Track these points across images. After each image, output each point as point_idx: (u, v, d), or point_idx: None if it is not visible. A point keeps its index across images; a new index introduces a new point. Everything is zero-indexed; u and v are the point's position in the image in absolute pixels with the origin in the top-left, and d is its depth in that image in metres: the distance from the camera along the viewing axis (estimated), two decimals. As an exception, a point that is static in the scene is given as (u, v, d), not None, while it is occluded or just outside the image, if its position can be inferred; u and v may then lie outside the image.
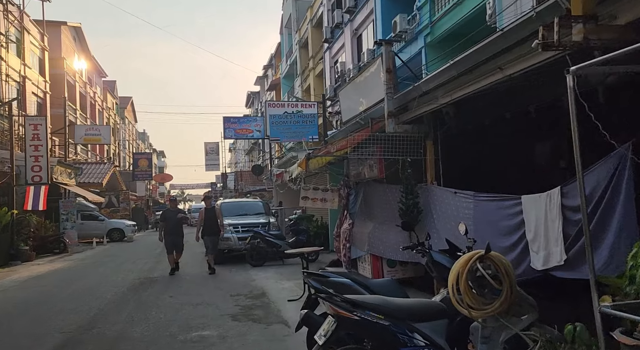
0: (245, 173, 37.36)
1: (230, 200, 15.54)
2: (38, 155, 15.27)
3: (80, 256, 16.67)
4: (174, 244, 10.93)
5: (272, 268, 11.31)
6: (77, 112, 36.93)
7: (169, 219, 11.08)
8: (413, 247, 4.01)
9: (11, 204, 14.85)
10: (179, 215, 11.28)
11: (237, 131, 20.87)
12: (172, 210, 11.37)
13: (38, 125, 15.33)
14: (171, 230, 10.93)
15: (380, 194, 7.06)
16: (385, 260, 6.80)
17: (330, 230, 13.81)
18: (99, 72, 46.85)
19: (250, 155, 49.90)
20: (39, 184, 15.28)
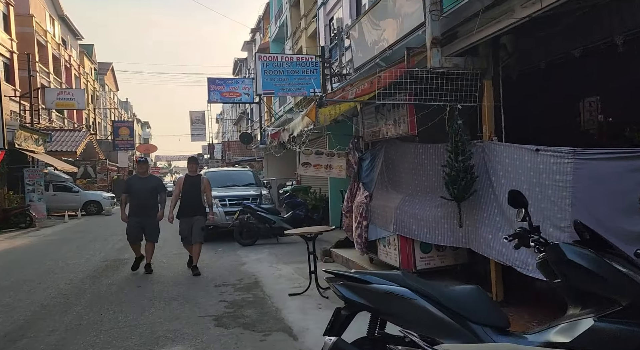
0: (233, 143, 35.39)
1: (215, 169, 13.72)
2: (-9, 117, 13.19)
3: (48, 231, 14.88)
4: (141, 229, 7.42)
5: (265, 248, 9.67)
6: (50, 75, 34.24)
7: (135, 191, 7.37)
8: (523, 235, 2.30)
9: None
10: (153, 185, 7.51)
11: (224, 94, 18.86)
12: (141, 178, 7.54)
13: (-10, 82, 13.15)
14: (138, 207, 7.35)
15: (410, 157, 5.36)
16: (418, 243, 5.17)
17: (331, 203, 12.18)
18: (74, 34, 43.69)
19: (238, 125, 47.67)
20: (-7, 150, 13.26)
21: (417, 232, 5.01)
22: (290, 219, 10.38)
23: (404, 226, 5.18)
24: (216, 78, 19.21)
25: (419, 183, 5.22)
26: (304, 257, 8.63)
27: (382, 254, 5.79)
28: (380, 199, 5.83)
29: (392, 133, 5.72)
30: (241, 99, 19.36)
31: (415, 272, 5.18)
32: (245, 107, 43.46)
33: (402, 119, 5.41)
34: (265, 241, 10.34)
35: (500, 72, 4.34)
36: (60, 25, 39.75)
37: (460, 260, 5.24)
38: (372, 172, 6.56)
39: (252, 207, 10.31)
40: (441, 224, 4.72)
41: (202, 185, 7.46)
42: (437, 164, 4.96)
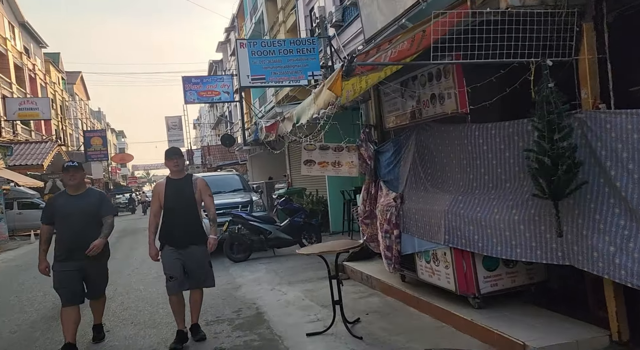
0: (213, 147, 33.75)
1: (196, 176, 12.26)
2: None
3: (10, 255, 13.11)
4: (80, 280, 4.38)
5: (262, 263, 8.23)
6: (12, 86, 31.95)
7: (63, 218, 4.32)
8: None
9: None
10: (92, 205, 4.34)
11: (201, 94, 17.29)
12: (72, 197, 4.35)
13: None
14: (72, 243, 4.32)
15: (460, 143, 4.02)
16: (480, 258, 3.83)
17: (331, 206, 10.80)
18: (38, 42, 41.28)
19: (217, 129, 45.91)
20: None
21: (481, 243, 3.67)
22: (288, 228, 8.96)
23: (461, 236, 3.83)
24: (192, 77, 17.61)
25: (476, 177, 3.88)
26: (310, 273, 7.25)
27: (424, 272, 4.43)
28: (417, 201, 4.47)
29: (430, 113, 4.37)
30: (220, 98, 17.80)
31: (479, 297, 3.84)
32: (224, 110, 41.77)
33: (445, 93, 4.07)
34: (261, 255, 8.90)
35: (605, 10, 3.02)
36: (21, 32, 37.34)
37: (536, 277, 3.93)
38: (398, 167, 5.20)
39: (243, 216, 8.85)
40: (520, 231, 3.39)
41: (197, 191, 4.41)
42: (503, 150, 3.63)
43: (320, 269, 7.15)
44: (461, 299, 3.98)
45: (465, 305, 3.93)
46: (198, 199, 4.47)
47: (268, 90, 21.57)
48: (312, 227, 9.17)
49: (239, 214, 8.87)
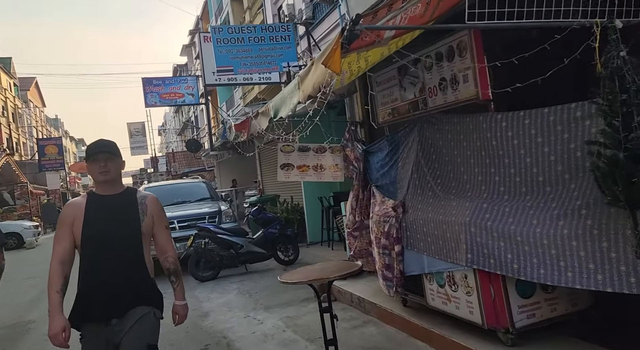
0: (178, 153, 32.24)
1: (156, 184, 10.96)
2: None
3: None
4: None
5: (233, 283, 7.23)
6: (-45, 91, 29.60)
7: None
8: None
9: None
10: None
11: (163, 96, 16.09)
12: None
13: None
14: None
15: (480, 137, 3.22)
16: (512, 282, 3.03)
17: (308, 214, 9.90)
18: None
19: (183, 135, 44.23)
20: None
21: (516, 265, 2.86)
22: (261, 240, 7.99)
23: (488, 255, 3.01)
24: (153, 78, 16.37)
25: (503, 179, 3.09)
26: (289, 294, 6.29)
27: (436, 297, 3.60)
28: (424, 211, 3.64)
29: (438, 103, 3.57)
30: (184, 101, 16.64)
31: (512, 332, 3.03)
32: (190, 115, 40.18)
33: (460, 76, 3.28)
34: (231, 272, 7.89)
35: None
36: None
37: (580, 304, 3.16)
38: (395, 169, 4.37)
39: (211, 228, 7.83)
40: (571, 249, 2.61)
41: (145, 217, 2.53)
42: (541, 145, 2.86)
43: (301, 288, 6.24)
44: (488, 333, 3.18)
45: (493, 341, 3.12)
46: (146, 230, 2.51)
47: (236, 93, 20.52)
48: (288, 238, 8.24)
49: (206, 227, 7.84)
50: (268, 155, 12.66)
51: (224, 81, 8.32)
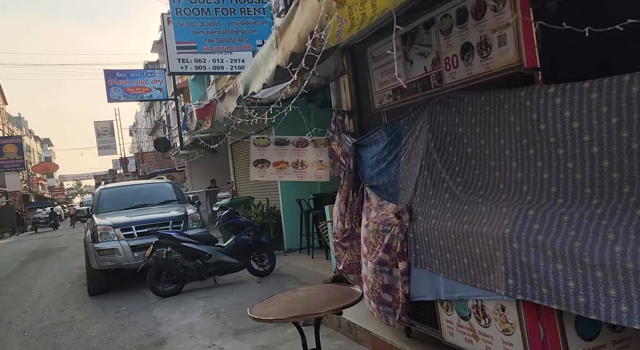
0: (148, 154, 30.77)
1: (114, 185, 9.80)
2: None
3: None
4: None
5: (199, 298, 6.23)
6: None
7: None
8: None
9: None
10: None
11: (128, 90, 14.91)
12: None
13: None
14: None
15: (521, 120, 2.39)
16: (571, 319, 2.20)
17: (285, 218, 8.98)
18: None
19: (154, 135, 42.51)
20: None
21: (584, 298, 2.03)
22: (232, 249, 7.03)
23: (540, 282, 2.18)
24: (116, 70, 15.13)
25: (557, 177, 2.26)
26: None
27: (456, 332, 2.75)
28: (440, 218, 2.79)
29: (459, 77, 2.73)
30: (151, 96, 15.48)
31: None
32: (161, 114, 38.60)
33: (493, 38, 2.45)
34: (198, 285, 6.91)
35: None
36: None
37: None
38: (395, 165, 3.52)
39: (174, 235, 6.82)
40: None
41: None
42: (615, 128, 2.04)
43: (278, 307, 5.32)
44: (532, 384, 2.34)
45: (541, 397, 2.29)
46: None
47: (209, 91, 19.40)
48: (262, 245, 7.31)
49: (168, 234, 6.82)
50: (241, 153, 11.68)
51: (191, 69, 7.33)
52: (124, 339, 4.85)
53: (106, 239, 7.15)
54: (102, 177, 36.65)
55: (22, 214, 31.73)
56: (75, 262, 11.15)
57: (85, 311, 6.25)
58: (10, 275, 10.36)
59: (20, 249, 17.33)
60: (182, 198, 8.98)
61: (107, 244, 7.10)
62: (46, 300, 7.20)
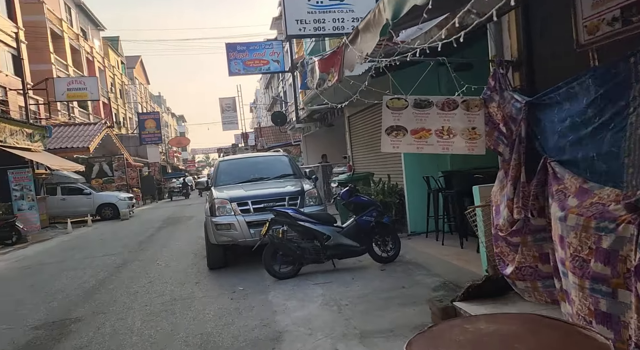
0: (266, 129, 31.76)
1: (232, 157, 9.64)
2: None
3: (36, 249, 11.58)
4: None
5: (317, 284, 5.61)
6: (69, 68, 31.63)
7: None
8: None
9: None
10: None
11: (247, 63, 14.90)
12: None
13: None
14: None
15: None
16: None
17: (409, 197, 7.97)
18: (95, 24, 41.13)
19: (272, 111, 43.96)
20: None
21: None
22: (353, 230, 6.28)
23: None
24: (237, 43, 15.23)
25: None
26: (395, 312, 4.30)
27: None
28: None
29: None
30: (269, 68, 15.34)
31: None
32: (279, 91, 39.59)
33: None
34: (315, 268, 6.32)
35: None
36: (78, 14, 37.11)
37: None
38: (615, 129, 2.31)
39: (290, 213, 6.27)
40: None
41: None
42: None
43: (410, 304, 4.44)
44: None
45: None
46: None
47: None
48: (386, 228, 6.44)
49: (284, 211, 6.29)
50: (360, 125, 10.82)
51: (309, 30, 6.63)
52: (238, 326, 4.39)
53: (223, 213, 6.89)
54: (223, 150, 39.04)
55: (160, 183, 35.24)
56: (199, 232, 11.48)
57: (203, 287, 6.05)
58: (144, 241, 11.03)
59: (157, 215, 18.92)
60: (298, 172, 8.46)
61: (224, 218, 6.83)
62: (170, 271, 7.26)
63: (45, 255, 10.35)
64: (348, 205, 6.60)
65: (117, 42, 50.83)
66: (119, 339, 4.35)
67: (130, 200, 19.66)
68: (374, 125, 9.77)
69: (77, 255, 9.86)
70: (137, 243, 10.78)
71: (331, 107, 12.30)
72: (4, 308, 5.83)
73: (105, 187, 22.40)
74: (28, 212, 13.82)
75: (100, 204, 18.63)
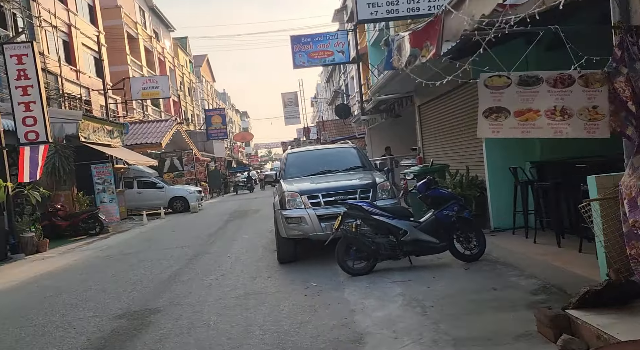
0: (328, 122, 31.60)
1: (300, 150, 9.44)
2: (29, 102, 10.50)
3: (117, 239, 12.21)
4: None
5: (395, 283, 5.25)
6: (143, 68, 33.38)
7: None
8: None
9: (2, 174, 10.45)
10: None
11: (312, 55, 14.74)
12: None
13: (23, 56, 10.42)
14: None
15: None
16: None
17: (491, 190, 7.36)
18: (166, 26, 43.12)
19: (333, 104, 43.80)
20: (35, 144, 10.62)
21: None
22: (431, 225, 5.83)
23: None
24: (301, 35, 15.10)
25: None
26: (488, 316, 3.83)
27: None
28: None
29: None
30: (334, 59, 15.09)
31: None
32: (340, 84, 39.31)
33: None
34: (389, 264, 5.95)
35: None
36: (150, 17, 39.05)
37: None
38: None
39: (364, 207, 5.94)
40: None
41: None
42: None
43: (506, 308, 3.97)
44: None
45: None
46: None
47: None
48: (468, 223, 5.93)
49: (358, 204, 5.98)
50: (432, 115, 10.24)
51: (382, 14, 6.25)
52: (316, 325, 4.15)
53: (293, 206, 6.70)
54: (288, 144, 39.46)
55: (226, 177, 36.34)
56: (266, 225, 11.52)
57: (275, 282, 5.91)
58: (214, 234, 11.22)
59: (224, 208, 19.40)
60: (368, 165, 8.11)
61: (294, 211, 6.65)
62: (241, 264, 7.22)
63: (124, 245, 10.84)
64: (425, 199, 6.15)
65: (185, 42, 52.95)
66: (197, 333, 4.27)
67: (199, 194, 20.32)
68: (448, 114, 9.18)
69: (152, 246, 10.21)
70: (207, 235, 10.98)
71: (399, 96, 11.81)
72: (90, 296, 6.05)
73: (176, 181, 23.36)
74: (109, 205, 14.63)
75: (172, 197, 19.40)
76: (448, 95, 8.78)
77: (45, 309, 5.60)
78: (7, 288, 7.17)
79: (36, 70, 10.52)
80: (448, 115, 9.19)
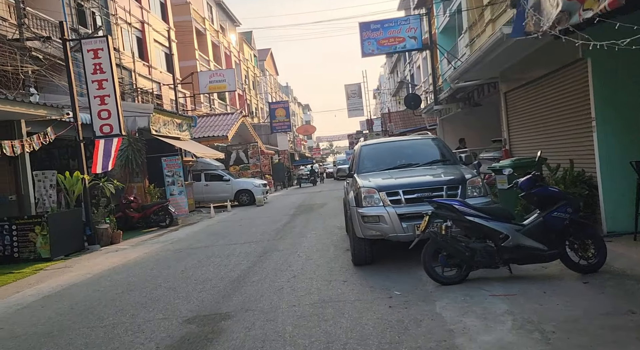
0: (394, 114, 30.48)
1: (375, 141, 8.66)
2: (104, 95, 10.69)
3: (186, 232, 12.28)
4: None
5: (496, 298, 4.45)
6: (210, 63, 34.16)
7: None
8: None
9: (80, 166, 10.76)
10: None
11: (381, 42, 13.93)
12: None
13: (98, 50, 10.60)
14: None
15: None
16: None
17: (604, 187, 6.26)
18: (232, 21, 43.89)
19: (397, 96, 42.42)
20: (109, 137, 10.81)
21: None
22: (538, 229, 4.94)
23: None
24: (370, 22, 14.31)
25: None
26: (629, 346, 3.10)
27: None
28: None
29: None
30: (405, 46, 14.16)
31: None
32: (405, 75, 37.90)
33: None
34: (484, 273, 5.15)
35: None
36: (217, 12, 39.89)
37: None
38: None
39: (456, 206, 5.17)
40: None
41: None
42: None
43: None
44: None
45: None
46: None
47: (460, 40, 16.94)
48: (583, 228, 4.98)
49: (448, 203, 5.21)
50: (521, 103, 9.12)
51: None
52: (409, 347, 3.50)
53: (371, 203, 6.06)
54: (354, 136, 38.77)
55: (289, 170, 36.45)
56: (334, 221, 11.01)
57: (353, 288, 5.32)
58: (281, 229, 10.87)
59: (289, 202, 19.19)
60: (452, 158, 7.26)
61: (372, 209, 6.00)
62: (312, 264, 6.72)
63: (193, 239, 10.78)
64: (529, 198, 5.25)
65: (250, 36, 53.72)
66: (271, 347, 3.78)
67: (264, 187, 20.26)
68: (542, 101, 8.07)
69: (220, 241, 10.04)
70: (274, 231, 10.65)
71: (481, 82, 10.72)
72: (160, 295, 5.82)
73: (242, 174, 23.54)
74: (178, 197, 14.83)
75: (238, 190, 19.49)
76: (545, 79, 7.69)
77: (116, 307, 5.42)
78: (83, 281, 7.19)
79: (110, 64, 10.66)
80: (543, 102, 8.08)
